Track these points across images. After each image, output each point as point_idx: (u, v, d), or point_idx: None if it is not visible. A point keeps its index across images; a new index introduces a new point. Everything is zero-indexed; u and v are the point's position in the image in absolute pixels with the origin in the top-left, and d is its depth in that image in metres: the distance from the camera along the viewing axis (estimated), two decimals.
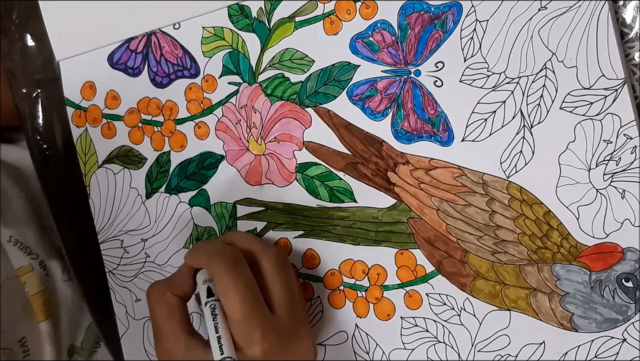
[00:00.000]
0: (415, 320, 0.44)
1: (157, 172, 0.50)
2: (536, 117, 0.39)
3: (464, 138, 0.41)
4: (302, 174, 0.46)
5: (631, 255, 0.38)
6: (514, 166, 0.40)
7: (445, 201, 0.42)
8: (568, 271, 0.40)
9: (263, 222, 0.47)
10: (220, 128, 0.48)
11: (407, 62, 0.42)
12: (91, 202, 0.53)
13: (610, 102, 0.37)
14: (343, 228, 0.45)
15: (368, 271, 0.45)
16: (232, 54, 0.47)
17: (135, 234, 0.51)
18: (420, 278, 0.43)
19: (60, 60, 0.52)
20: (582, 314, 0.40)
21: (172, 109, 0.49)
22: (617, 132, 0.37)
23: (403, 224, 0.43)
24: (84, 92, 0.52)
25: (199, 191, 0.49)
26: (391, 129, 0.43)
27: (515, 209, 0.40)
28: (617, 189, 0.38)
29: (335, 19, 0.43)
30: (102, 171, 0.52)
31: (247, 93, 0.46)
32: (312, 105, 0.45)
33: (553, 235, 0.40)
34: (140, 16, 0.49)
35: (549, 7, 0.38)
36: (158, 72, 0.49)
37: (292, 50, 0.45)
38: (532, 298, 0.40)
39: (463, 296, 0.42)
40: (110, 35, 0.50)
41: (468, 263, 0.42)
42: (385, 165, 0.43)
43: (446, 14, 0.40)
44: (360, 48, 0.43)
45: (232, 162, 0.48)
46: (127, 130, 0.51)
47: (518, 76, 0.39)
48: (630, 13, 0.37)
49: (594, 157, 0.38)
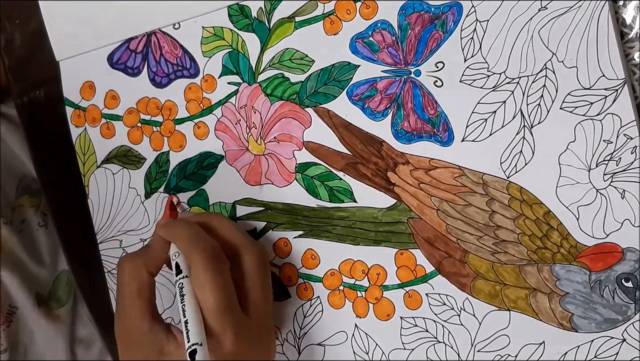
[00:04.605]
0: (415, 320, 0.44)
1: (156, 172, 0.50)
2: (536, 118, 0.39)
3: (464, 138, 0.41)
4: (301, 174, 0.45)
5: (631, 255, 0.38)
6: (514, 166, 0.40)
7: (445, 201, 0.42)
8: (568, 271, 0.40)
9: (263, 222, 0.47)
10: (220, 128, 0.48)
11: (407, 62, 0.42)
12: (90, 202, 0.53)
13: (611, 102, 0.37)
14: (343, 228, 0.45)
15: (368, 271, 0.44)
16: (232, 54, 0.47)
17: (134, 235, 0.51)
18: (420, 278, 0.43)
19: (60, 60, 0.52)
20: (581, 314, 0.40)
21: (171, 109, 0.49)
22: (617, 133, 0.38)
23: (403, 224, 0.43)
24: (83, 92, 0.52)
25: (198, 191, 0.49)
26: (391, 129, 0.43)
27: (515, 209, 0.40)
28: (617, 189, 0.38)
29: (335, 19, 0.43)
30: (101, 171, 0.52)
31: (247, 93, 0.46)
32: (312, 105, 0.45)
33: (553, 235, 0.40)
34: (140, 16, 0.49)
35: (549, 7, 0.38)
36: (158, 72, 0.49)
37: (292, 50, 0.45)
38: (531, 298, 0.40)
39: (463, 296, 0.42)
40: (110, 35, 0.50)
41: (468, 263, 0.42)
42: (385, 165, 0.43)
43: (446, 14, 0.40)
44: (360, 48, 0.43)
45: (231, 163, 0.47)
46: (126, 130, 0.51)
47: (518, 76, 0.39)
48: (630, 13, 0.37)
49: (594, 157, 0.38)
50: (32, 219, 0.60)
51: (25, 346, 0.58)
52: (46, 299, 0.59)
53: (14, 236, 0.57)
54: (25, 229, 0.59)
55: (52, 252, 0.60)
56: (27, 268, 0.58)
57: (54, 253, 0.60)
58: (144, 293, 0.42)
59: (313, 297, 0.46)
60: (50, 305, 0.60)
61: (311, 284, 0.46)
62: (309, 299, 0.46)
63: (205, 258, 0.40)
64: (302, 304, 0.47)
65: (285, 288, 0.47)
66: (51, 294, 0.60)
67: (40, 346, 0.58)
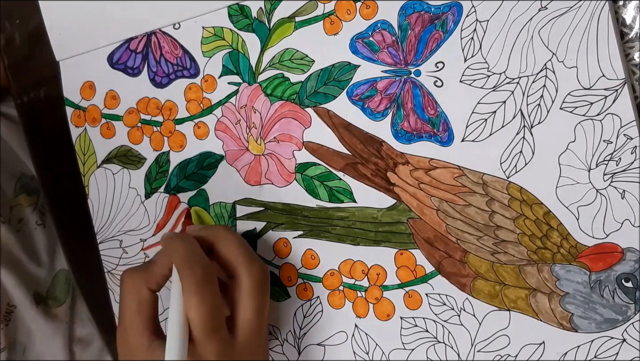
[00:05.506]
0: (415, 320, 0.44)
1: (157, 172, 0.50)
2: (536, 118, 0.39)
3: (464, 138, 0.41)
4: (301, 175, 0.45)
5: (631, 255, 0.38)
6: (514, 166, 0.40)
7: (445, 201, 0.42)
8: (568, 272, 0.39)
9: (262, 222, 0.47)
10: (220, 128, 0.48)
11: (407, 62, 0.42)
12: (90, 202, 0.53)
13: (611, 102, 0.37)
14: (342, 228, 0.45)
15: (368, 271, 0.44)
16: (232, 54, 0.47)
17: (134, 235, 0.51)
18: (420, 278, 0.43)
19: (60, 60, 0.52)
20: (581, 314, 0.40)
21: (171, 109, 0.49)
22: (617, 133, 0.38)
23: (403, 224, 0.43)
24: (83, 92, 0.52)
25: (198, 191, 0.49)
26: (391, 129, 0.43)
27: (515, 209, 0.40)
28: (617, 189, 0.38)
29: (335, 19, 0.43)
30: (101, 171, 0.52)
31: (247, 93, 0.46)
32: (312, 105, 0.45)
33: (553, 235, 0.40)
34: (140, 16, 0.49)
35: (550, 7, 0.38)
36: (158, 72, 0.49)
37: (292, 50, 0.45)
38: (531, 298, 0.40)
39: (463, 296, 0.42)
40: (110, 35, 0.50)
41: (468, 263, 0.42)
42: (385, 165, 0.43)
43: (446, 14, 0.40)
44: (361, 48, 0.43)
45: (231, 163, 0.48)
46: (127, 130, 0.51)
47: (518, 76, 0.39)
48: (631, 13, 0.37)
49: (594, 157, 0.38)
50: (30, 218, 0.60)
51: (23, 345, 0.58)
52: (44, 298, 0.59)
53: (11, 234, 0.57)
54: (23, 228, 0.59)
55: (50, 251, 0.60)
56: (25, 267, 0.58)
57: (52, 251, 0.60)
58: (144, 311, 0.42)
59: (313, 297, 0.46)
60: (48, 304, 0.59)
61: (311, 284, 0.46)
62: (308, 299, 0.46)
63: (194, 278, 0.40)
64: (302, 304, 0.47)
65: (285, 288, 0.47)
66: (49, 293, 0.60)
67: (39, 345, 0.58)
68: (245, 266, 0.42)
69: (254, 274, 0.42)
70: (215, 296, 0.41)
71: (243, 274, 0.42)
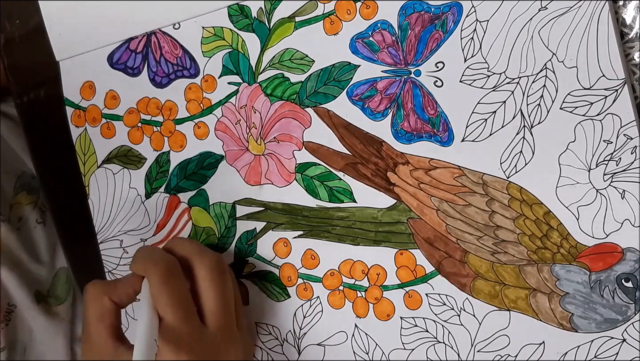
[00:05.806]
0: (415, 320, 0.44)
1: (157, 172, 0.50)
2: (536, 118, 0.39)
3: (464, 138, 0.41)
4: (301, 175, 0.45)
5: (631, 255, 0.38)
6: (514, 166, 0.40)
7: (445, 201, 0.42)
8: (568, 272, 0.39)
9: (262, 222, 0.47)
10: (220, 128, 0.48)
11: (407, 62, 0.42)
12: (90, 202, 0.53)
13: (611, 102, 0.37)
14: (342, 228, 0.45)
15: (368, 271, 0.44)
16: (232, 54, 0.47)
17: (134, 234, 0.51)
18: (420, 278, 0.43)
19: (60, 60, 0.52)
20: (581, 314, 0.40)
21: (171, 109, 0.49)
22: (617, 133, 0.37)
23: (403, 224, 0.43)
24: (83, 92, 0.52)
25: (198, 191, 0.49)
26: (391, 129, 0.43)
27: (515, 209, 0.40)
28: (617, 189, 0.38)
29: (335, 19, 0.43)
30: (101, 171, 0.52)
31: (247, 93, 0.46)
32: (312, 105, 0.45)
33: (553, 235, 0.40)
34: (140, 16, 0.49)
35: (550, 7, 0.38)
36: (158, 72, 0.49)
37: (292, 50, 0.45)
38: (531, 298, 0.40)
39: (463, 296, 0.42)
40: (110, 35, 0.50)
41: (468, 263, 0.42)
42: (385, 165, 0.43)
43: (446, 14, 0.40)
44: (361, 48, 0.43)
45: (231, 163, 0.48)
46: (127, 130, 0.51)
47: (518, 76, 0.39)
48: (631, 13, 0.37)
49: (594, 157, 0.38)
50: (30, 217, 0.60)
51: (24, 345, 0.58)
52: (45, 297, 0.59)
53: (11, 233, 0.57)
54: (23, 226, 0.59)
55: (50, 249, 0.60)
56: (25, 266, 0.58)
57: (52, 250, 0.60)
58: (106, 319, 0.43)
59: (313, 297, 0.46)
60: (49, 303, 0.59)
61: (311, 284, 0.46)
62: (308, 299, 0.46)
63: (159, 273, 0.41)
64: (301, 304, 0.47)
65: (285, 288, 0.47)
66: (50, 291, 0.60)
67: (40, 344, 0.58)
68: (196, 257, 0.43)
69: (205, 262, 0.43)
70: (183, 287, 0.42)
71: (196, 266, 0.43)
